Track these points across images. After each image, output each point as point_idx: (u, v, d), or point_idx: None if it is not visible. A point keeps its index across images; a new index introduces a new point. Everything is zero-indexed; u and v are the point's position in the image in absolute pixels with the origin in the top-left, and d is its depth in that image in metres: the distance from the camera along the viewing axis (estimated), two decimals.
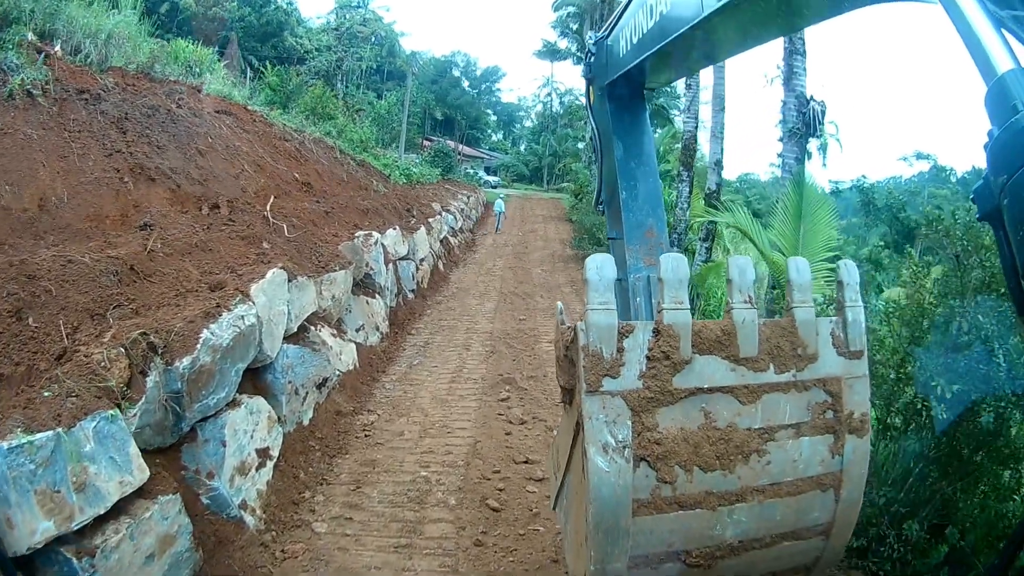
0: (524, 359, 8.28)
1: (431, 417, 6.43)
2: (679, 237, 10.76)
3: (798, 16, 2.60)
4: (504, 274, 15.27)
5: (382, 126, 28.36)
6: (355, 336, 7.98)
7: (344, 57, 34.25)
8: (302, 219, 8.57)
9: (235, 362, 4.85)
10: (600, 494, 2.14)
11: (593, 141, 4.25)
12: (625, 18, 3.44)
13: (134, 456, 3.61)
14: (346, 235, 8.94)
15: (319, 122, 17.32)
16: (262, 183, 9.71)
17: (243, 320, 4.98)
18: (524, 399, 6.80)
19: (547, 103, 60.78)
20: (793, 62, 6.95)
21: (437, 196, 20.62)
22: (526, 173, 57.94)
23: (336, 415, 6.49)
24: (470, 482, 5.11)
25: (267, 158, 10.96)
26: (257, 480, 4.99)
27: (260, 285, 5.52)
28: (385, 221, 11.32)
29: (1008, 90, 1.35)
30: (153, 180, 7.45)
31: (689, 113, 10.94)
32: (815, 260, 6.46)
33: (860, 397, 2.47)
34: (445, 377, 7.56)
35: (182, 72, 10.49)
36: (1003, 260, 1.44)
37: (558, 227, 25.69)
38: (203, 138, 9.09)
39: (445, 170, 30.80)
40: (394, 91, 37.03)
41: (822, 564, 2.60)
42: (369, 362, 7.88)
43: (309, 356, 6.18)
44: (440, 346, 8.89)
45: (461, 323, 10.19)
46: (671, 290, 2.28)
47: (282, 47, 35.70)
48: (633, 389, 2.21)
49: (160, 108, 8.49)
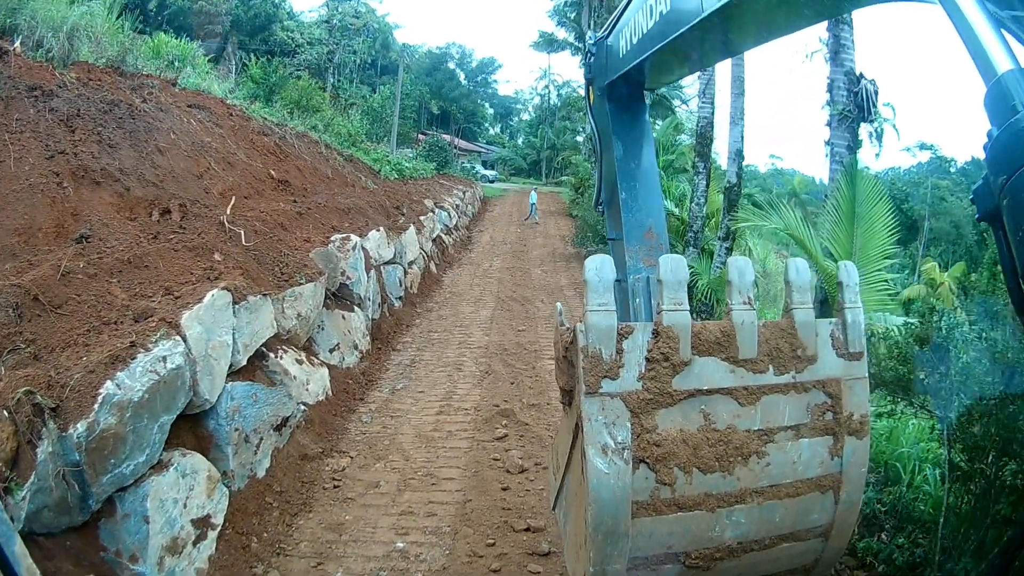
0: (524, 382, 7.19)
1: (413, 462, 5.36)
2: (695, 236, 9.66)
3: (798, 16, 2.57)
4: (501, 276, 14.12)
5: (375, 120, 27.33)
6: (329, 358, 6.91)
7: (335, 50, 33.00)
8: (269, 222, 7.50)
9: (155, 416, 3.82)
10: (599, 496, 2.14)
11: (593, 141, 4.23)
12: (625, 18, 3.41)
13: (20, 556, 2.58)
14: (321, 239, 7.86)
15: (305, 116, 16.25)
16: (230, 182, 8.62)
17: (164, 363, 3.92)
18: (524, 437, 5.72)
19: (544, 96, 60.01)
20: (840, 33, 5.83)
21: (431, 192, 19.51)
22: (524, 167, 57.52)
23: (300, 460, 5.44)
24: (457, 560, 4.04)
25: (240, 154, 9.89)
26: (195, 557, 4.02)
27: (195, 312, 4.46)
28: (369, 221, 10.23)
29: (1008, 90, 1.34)
30: (98, 184, 6.38)
31: (705, 97, 9.78)
32: (872, 270, 5.40)
33: (859, 399, 2.46)
34: (432, 406, 6.48)
35: (160, 67, 10.01)
36: (1003, 260, 1.43)
37: (558, 222, 24.49)
38: (165, 134, 8.04)
39: (441, 165, 29.61)
40: (388, 85, 35.84)
41: (821, 565, 2.59)
42: (345, 388, 6.81)
43: (264, 393, 5.12)
44: (428, 365, 7.81)
45: (453, 336, 9.09)
46: (670, 291, 2.27)
47: (273, 41, 34.55)
48: (632, 390, 2.21)
49: (120, 103, 7.45)
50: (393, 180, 18.15)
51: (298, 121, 14.93)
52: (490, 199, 33.30)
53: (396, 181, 18.39)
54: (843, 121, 5.92)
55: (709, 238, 10.21)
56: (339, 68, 35.69)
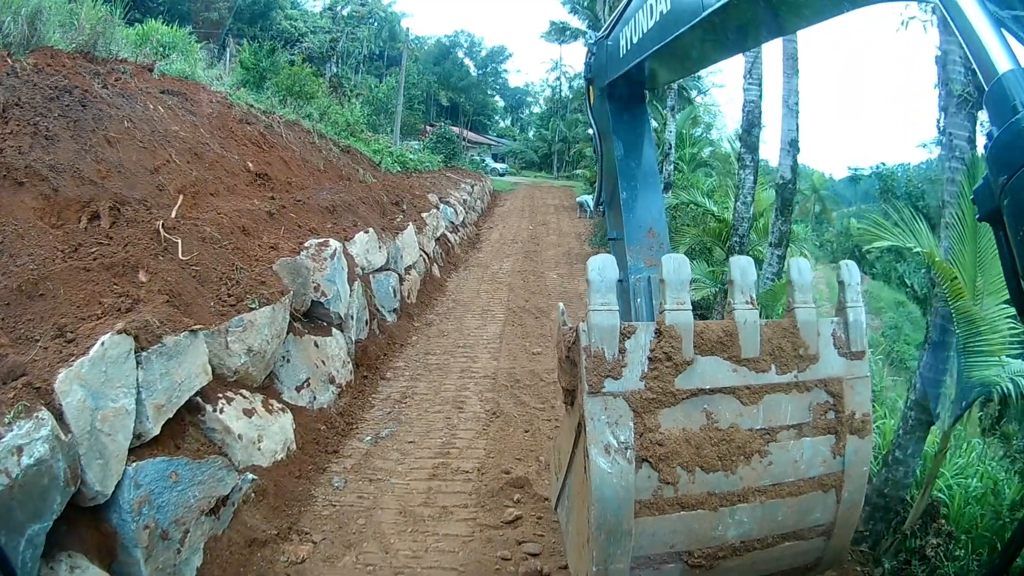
0: (541, 428, 5.74)
1: (394, 556, 3.95)
2: (740, 240, 8.17)
3: (798, 16, 2.56)
4: (512, 280, 12.60)
5: (379, 110, 25.93)
6: (295, 398, 5.53)
7: (339, 38, 31.54)
8: (226, 227, 6.11)
9: (18, 530, 2.64)
10: (602, 495, 2.13)
11: (593, 141, 4.25)
12: (625, 18, 3.37)
13: None
14: (291, 246, 6.47)
15: (299, 104, 14.89)
16: (193, 177, 7.23)
17: (20, 456, 2.58)
18: (543, 521, 4.25)
19: (556, 87, 58.57)
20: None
21: (436, 186, 18.08)
22: (535, 160, 56.57)
23: (247, 548, 4.07)
24: None
25: (214, 145, 8.54)
26: None
27: (76, 370, 3.11)
28: (359, 221, 8.82)
29: (1008, 90, 1.33)
30: (21, 184, 5.06)
31: (752, 78, 8.24)
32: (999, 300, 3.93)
33: (861, 398, 2.46)
34: (424, 465, 5.05)
35: (147, 54, 9.12)
36: (1003, 261, 1.42)
37: (572, 219, 22.89)
38: (119, 123, 6.72)
39: (448, 157, 28.06)
40: (395, 75, 34.39)
41: (823, 564, 2.58)
42: (315, 438, 5.42)
43: (189, 470, 3.74)
44: (423, 402, 6.38)
45: (455, 359, 7.64)
46: (673, 291, 2.29)
47: (275, 29, 33.16)
48: (635, 390, 2.22)
49: (74, 90, 6.23)
50: (395, 173, 16.74)
51: (290, 109, 13.60)
52: (500, 193, 31.80)
53: (398, 174, 16.98)
54: (962, 106, 4.41)
55: (756, 242, 8.71)
56: (343, 57, 34.21)
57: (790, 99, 7.85)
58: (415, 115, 35.19)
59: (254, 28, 31.09)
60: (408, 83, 29.48)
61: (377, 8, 38.22)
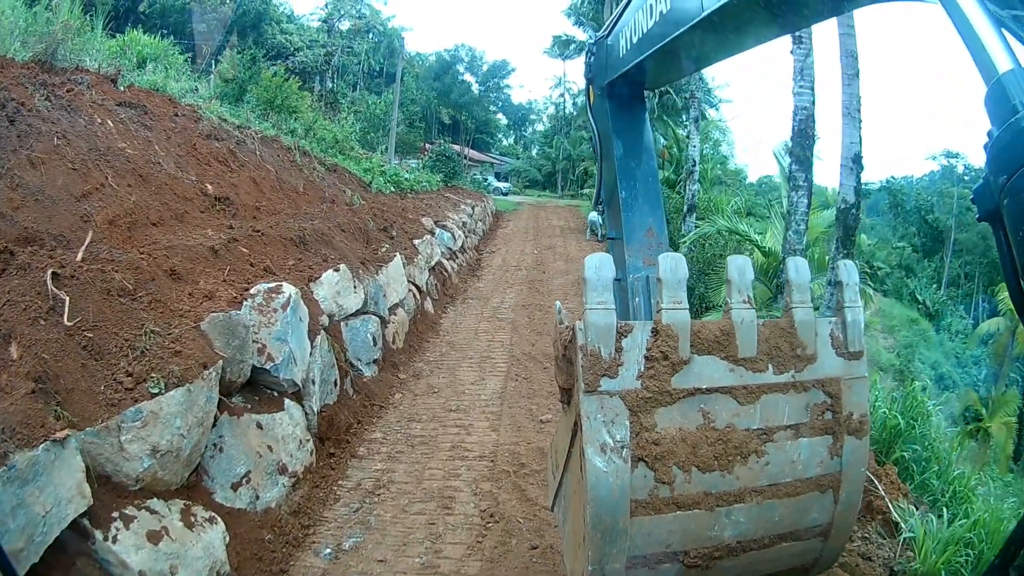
0: (555, 543, 4.27)
1: None
2: None
3: (798, 15, 2.56)
4: (516, 317, 11.09)
5: (376, 127, 24.73)
6: (230, 498, 4.08)
7: (333, 52, 30.43)
8: (148, 271, 4.70)
9: None
10: (598, 494, 2.09)
11: (592, 141, 4.26)
12: (625, 18, 3.38)
13: None
14: (232, 294, 5.05)
15: (283, 118, 13.63)
16: (131, 204, 5.88)
17: None
18: None
19: (560, 104, 57.72)
20: None
21: (432, 208, 16.71)
22: (539, 179, 55.66)
23: None
24: None
25: (167, 164, 7.19)
26: None
27: None
28: (333, 254, 7.42)
29: (1008, 90, 1.31)
30: None
31: (803, 80, 6.86)
32: None
33: (859, 398, 2.42)
34: None
35: (118, 63, 8.47)
36: (1003, 261, 1.39)
37: (580, 242, 21.42)
38: (49, 140, 5.48)
39: (449, 176, 26.73)
40: (394, 91, 33.33)
41: (820, 565, 2.54)
42: (257, 552, 3.99)
43: None
44: (400, 495, 4.89)
45: (444, 430, 6.13)
46: (670, 290, 2.24)
47: (269, 43, 32.16)
48: (631, 389, 2.17)
49: (7, 103, 5.28)
50: (388, 194, 15.41)
51: (270, 124, 12.33)
52: (503, 213, 30.44)
53: (391, 195, 15.65)
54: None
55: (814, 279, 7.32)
56: (339, 72, 33.10)
57: (851, 105, 6.47)
58: (415, 132, 34.06)
59: (246, 41, 30.07)
60: (407, 99, 28.35)
61: (376, 21, 37.19)
